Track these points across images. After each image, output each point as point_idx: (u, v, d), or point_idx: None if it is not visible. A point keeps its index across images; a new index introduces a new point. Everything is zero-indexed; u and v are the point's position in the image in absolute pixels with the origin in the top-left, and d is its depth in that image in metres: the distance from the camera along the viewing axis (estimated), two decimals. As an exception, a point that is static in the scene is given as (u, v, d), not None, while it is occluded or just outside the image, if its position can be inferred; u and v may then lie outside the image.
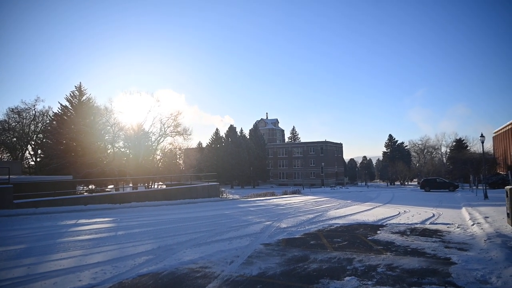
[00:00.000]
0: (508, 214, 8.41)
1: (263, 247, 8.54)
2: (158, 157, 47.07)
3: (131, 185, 36.63)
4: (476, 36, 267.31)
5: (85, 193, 32.50)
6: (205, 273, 6.31)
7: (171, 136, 45.50)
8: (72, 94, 45.31)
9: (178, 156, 52.76)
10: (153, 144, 45.39)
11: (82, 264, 7.08)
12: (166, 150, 47.50)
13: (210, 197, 27.43)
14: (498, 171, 62.95)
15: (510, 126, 60.94)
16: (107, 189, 33.48)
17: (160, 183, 45.17)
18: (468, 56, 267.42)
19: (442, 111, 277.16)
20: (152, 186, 41.92)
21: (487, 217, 13.44)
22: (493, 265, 6.36)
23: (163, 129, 44.44)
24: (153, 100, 43.81)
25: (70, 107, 44.81)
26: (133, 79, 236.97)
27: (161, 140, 45.54)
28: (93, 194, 25.82)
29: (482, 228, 10.75)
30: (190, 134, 46.60)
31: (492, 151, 76.66)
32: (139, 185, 41.11)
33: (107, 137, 41.96)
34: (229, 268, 6.56)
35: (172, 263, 7.04)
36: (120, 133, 42.68)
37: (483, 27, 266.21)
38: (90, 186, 39.75)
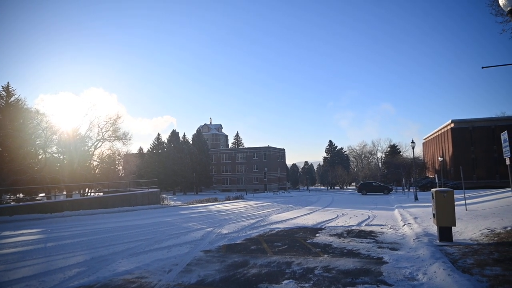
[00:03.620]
0: (433, 214, 9.04)
1: (203, 254, 8.40)
2: (95, 163, 44.83)
3: (64, 193, 34.48)
4: (400, 42, 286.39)
5: (12, 203, 30.04)
6: (141, 283, 6.06)
7: (110, 141, 43.58)
8: (-2, 95, 41.79)
9: (117, 162, 50.63)
10: (90, 149, 43.15)
11: (3, 281, 6.50)
12: (104, 156, 45.37)
13: (151, 204, 26.64)
14: (427, 175, 67.82)
15: (437, 133, 66.00)
16: (37, 198, 31.26)
17: (94, 190, 42.96)
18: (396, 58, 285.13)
19: (370, 114, 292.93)
20: (88, 194, 39.77)
21: (417, 217, 14.39)
22: (420, 263, 6.78)
23: (100, 133, 42.46)
24: (90, 103, 41.86)
25: (-5, 109, 41.29)
26: (66, 79, 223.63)
27: (98, 145, 43.45)
28: (21, 203, 23.95)
29: (411, 228, 11.47)
30: (130, 139, 44.94)
31: (422, 156, 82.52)
32: (73, 193, 38.80)
33: (38, 142, 39.10)
34: (167, 277, 6.36)
35: (105, 274, 6.69)
36: (53, 138, 40.09)
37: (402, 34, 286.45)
38: (18, 195, 36.84)
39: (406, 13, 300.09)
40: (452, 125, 55.61)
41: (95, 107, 41.79)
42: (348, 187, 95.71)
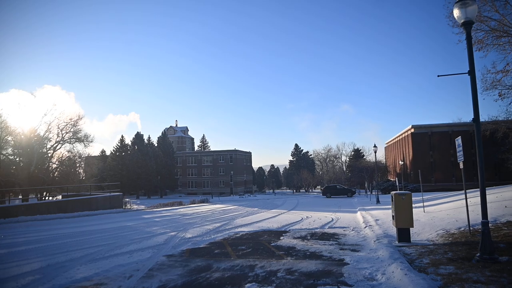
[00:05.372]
0: (393, 216, 9.33)
1: (165, 258, 8.25)
2: (55, 165, 43.16)
3: (20, 197, 32.96)
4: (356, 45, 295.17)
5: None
6: (100, 290, 5.87)
7: (70, 143, 42.09)
8: None
9: (77, 165, 48.93)
10: (49, 151, 41.52)
11: None
12: (64, 158, 43.78)
13: (112, 209, 25.91)
14: (389, 178, 70.01)
15: (398, 138, 68.28)
16: (-10, 203, 29.59)
17: (52, 194, 41.35)
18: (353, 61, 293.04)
19: (330, 115, 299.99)
20: (46, 198, 38.16)
21: (378, 219, 14.83)
22: (379, 263, 6.98)
23: (60, 135, 40.93)
24: (50, 102, 40.35)
25: None
26: (17, 76, 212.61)
27: (58, 147, 41.87)
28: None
29: (372, 230, 11.79)
30: (91, 141, 43.64)
31: (384, 160, 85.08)
32: (30, 196, 37.15)
33: (-9, 143, 37.20)
34: (127, 283, 6.19)
35: (62, 282, 6.43)
36: (9, 139, 38.22)
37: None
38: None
39: (370, 18, 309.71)
40: (413, 130, 57.68)
41: (56, 107, 40.22)
42: (313, 190, 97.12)
